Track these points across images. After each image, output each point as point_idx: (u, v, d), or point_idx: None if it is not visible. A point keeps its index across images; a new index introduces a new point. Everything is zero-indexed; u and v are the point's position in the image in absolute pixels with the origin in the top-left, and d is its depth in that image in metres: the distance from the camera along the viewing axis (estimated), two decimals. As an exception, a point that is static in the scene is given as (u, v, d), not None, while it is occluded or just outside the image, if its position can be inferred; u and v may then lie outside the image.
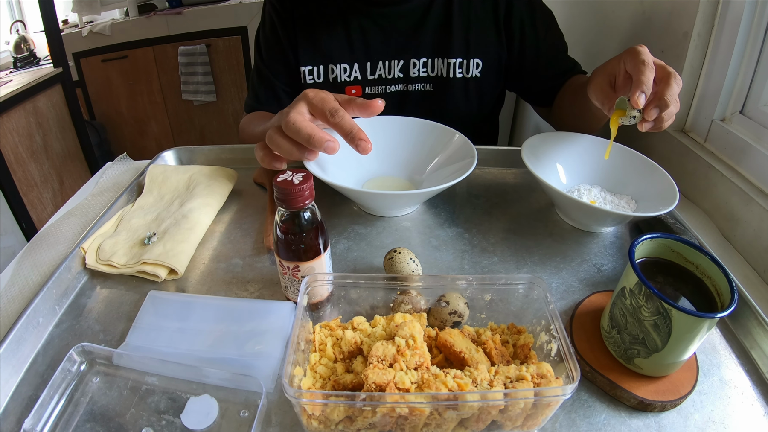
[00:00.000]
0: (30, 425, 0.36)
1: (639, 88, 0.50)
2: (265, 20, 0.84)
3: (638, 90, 0.50)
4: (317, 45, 0.80)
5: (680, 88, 0.52)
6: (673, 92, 0.51)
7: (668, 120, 0.53)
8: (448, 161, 0.67)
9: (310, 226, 0.43)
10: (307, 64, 0.81)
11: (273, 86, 0.84)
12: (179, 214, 0.59)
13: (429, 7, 0.78)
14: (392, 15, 0.78)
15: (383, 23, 0.79)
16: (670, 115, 0.53)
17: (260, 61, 0.85)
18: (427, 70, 0.81)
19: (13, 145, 1.61)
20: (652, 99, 0.52)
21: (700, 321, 0.36)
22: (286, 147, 0.51)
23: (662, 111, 0.51)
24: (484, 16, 0.78)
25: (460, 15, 0.78)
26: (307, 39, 0.80)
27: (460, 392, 0.34)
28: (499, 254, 0.57)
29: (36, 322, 0.46)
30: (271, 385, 0.41)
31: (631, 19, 0.90)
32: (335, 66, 0.81)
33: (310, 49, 0.80)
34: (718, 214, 0.66)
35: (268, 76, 0.84)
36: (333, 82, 0.82)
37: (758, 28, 0.65)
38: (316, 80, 0.82)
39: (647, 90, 0.51)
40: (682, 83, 0.52)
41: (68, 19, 2.42)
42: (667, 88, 0.51)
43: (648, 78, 0.51)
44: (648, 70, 0.51)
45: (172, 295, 0.51)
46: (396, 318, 0.42)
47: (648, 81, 0.51)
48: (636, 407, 0.40)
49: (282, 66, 0.83)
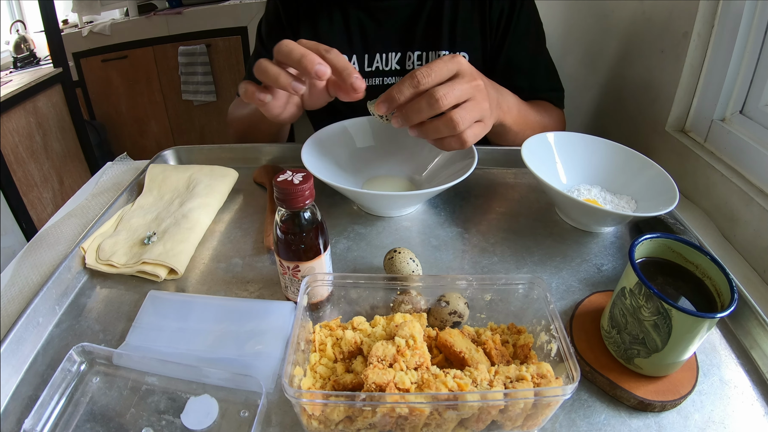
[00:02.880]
0: (30, 425, 0.36)
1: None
2: (269, 9, 0.85)
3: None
4: (318, 36, 0.80)
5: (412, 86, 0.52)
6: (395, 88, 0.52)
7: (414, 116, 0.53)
8: (448, 161, 0.67)
9: (310, 226, 0.43)
10: None
11: None
12: (179, 213, 0.59)
13: (423, 1, 0.79)
14: (388, 8, 0.79)
15: (380, 16, 0.80)
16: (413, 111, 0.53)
17: (260, 46, 0.85)
18: (422, 63, 0.81)
19: (13, 145, 1.61)
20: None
21: (700, 321, 0.36)
22: (274, 71, 0.50)
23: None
24: (471, 8, 0.79)
25: (449, 8, 0.78)
26: (309, 30, 0.81)
27: (460, 392, 0.34)
28: (499, 254, 0.57)
29: (36, 322, 0.46)
30: (271, 385, 0.41)
31: (631, 19, 0.90)
32: None
33: (310, 39, 0.81)
34: (718, 214, 0.66)
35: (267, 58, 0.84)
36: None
37: (758, 28, 0.65)
38: None
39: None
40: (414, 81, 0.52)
41: (68, 19, 2.42)
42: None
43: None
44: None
45: (172, 295, 0.51)
46: (396, 318, 0.42)
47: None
48: (636, 407, 0.40)
49: None
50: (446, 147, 0.57)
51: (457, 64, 0.53)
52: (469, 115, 0.54)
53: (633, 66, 0.91)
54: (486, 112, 0.56)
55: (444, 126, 0.53)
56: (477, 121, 0.56)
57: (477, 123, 0.56)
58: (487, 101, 0.56)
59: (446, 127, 0.53)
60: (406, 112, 0.53)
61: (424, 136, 0.56)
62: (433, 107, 0.51)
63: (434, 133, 0.55)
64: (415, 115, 0.53)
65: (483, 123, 0.57)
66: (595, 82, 1.05)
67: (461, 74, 0.53)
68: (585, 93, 1.07)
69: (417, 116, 0.53)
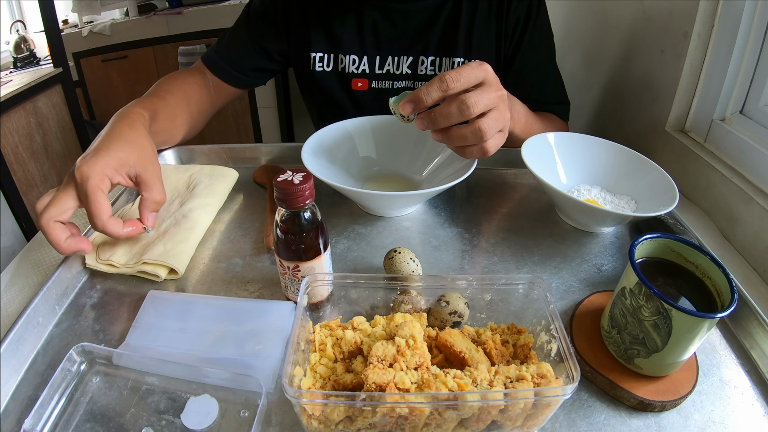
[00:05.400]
0: (30, 425, 0.36)
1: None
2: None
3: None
4: (330, 33, 0.80)
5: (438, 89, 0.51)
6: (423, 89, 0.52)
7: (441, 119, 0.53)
8: (448, 161, 0.67)
9: (310, 226, 0.43)
10: (318, 51, 0.81)
11: (247, 50, 0.82)
12: (179, 213, 0.59)
13: (442, 6, 0.78)
14: (406, 11, 0.79)
15: (396, 18, 0.79)
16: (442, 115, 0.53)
17: (244, 22, 0.83)
18: (434, 68, 0.81)
19: (13, 145, 1.61)
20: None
21: (700, 321, 0.36)
22: (56, 242, 0.47)
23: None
24: (488, 16, 0.79)
25: (467, 15, 0.78)
26: (320, 26, 0.80)
27: (460, 392, 0.34)
28: (499, 254, 0.57)
29: (36, 321, 0.46)
30: (271, 385, 0.41)
31: (631, 19, 0.90)
32: (345, 56, 0.81)
33: (322, 36, 0.80)
34: (718, 214, 0.66)
35: (245, 38, 0.82)
36: (341, 72, 0.82)
37: (758, 28, 0.65)
38: (326, 68, 0.82)
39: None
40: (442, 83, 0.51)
41: (68, 19, 2.42)
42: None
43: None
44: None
45: (172, 294, 0.51)
46: (396, 318, 0.42)
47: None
48: (636, 407, 0.40)
49: (269, 31, 0.81)
50: (468, 155, 0.57)
51: (484, 72, 0.53)
52: (494, 124, 0.54)
53: (633, 66, 0.91)
54: (508, 122, 0.57)
55: (471, 134, 0.53)
56: (499, 130, 0.56)
57: (498, 133, 0.56)
58: (509, 112, 0.57)
59: (473, 136, 0.53)
60: (435, 116, 0.53)
61: (447, 141, 0.56)
62: (464, 114, 0.52)
63: (460, 141, 0.55)
64: (443, 120, 0.53)
65: (503, 133, 0.57)
66: (596, 82, 1.05)
67: (487, 83, 0.53)
68: (585, 93, 1.07)
69: (445, 121, 0.53)
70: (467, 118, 0.52)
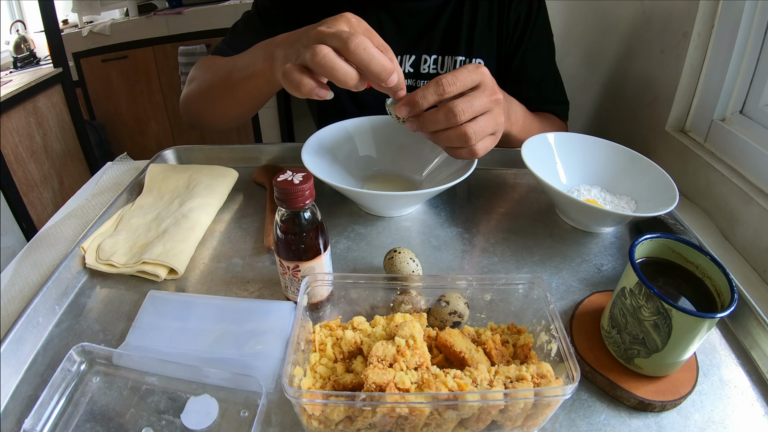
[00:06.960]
0: (30, 425, 0.36)
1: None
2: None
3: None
4: None
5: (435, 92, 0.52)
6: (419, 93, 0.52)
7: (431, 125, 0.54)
8: (448, 161, 0.67)
9: (310, 226, 0.43)
10: None
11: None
12: (179, 213, 0.59)
13: (444, 5, 0.79)
14: (409, 10, 0.79)
15: (400, 17, 0.79)
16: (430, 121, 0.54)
17: (256, 16, 0.81)
18: (437, 67, 0.81)
19: (13, 145, 1.61)
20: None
21: (700, 321, 0.36)
22: (296, 79, 0.47)
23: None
24: (489, 15, 0.79)
25: (468, 14, 0.79)
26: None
27: (460, 392, 0.34)
28: (499, 254, 0.57)
29: (36, 321, 0.46)
30: (271, 385, 0.40)
31: (631, 19, 0.90)
32: None
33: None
34: (718, 214, 0.66)
35: (260, 30, 0.79)
36: None
37: (758, 28, 0.65)
38: None
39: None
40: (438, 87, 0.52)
41: (68, 19, 2.42)
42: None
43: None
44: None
45: (172, 294, 0.51)
46: (396, 318, 0.42)
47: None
48: (636, 407, 0.40)
49: (279, 30, 0.80)
50: (457, 156, 0.58)
51: (480, 75, 0.53)
52: (483, 129, 0.54)
53: (633, 66, 0.91)
54: (500, 126, 0.57)
55: (457, 138, 0.54)
56: (490, 134, 0.56)
57: (489, 136, 0.56)
58: (503, 115, 0.57)
59: (459, 140, 0.54)
60: (423, 121, 0.54)
61: (436, 142, 0.57)
62: (450, 121, 0.52)
63: (446, 143, 0.56)
64: (431, 125, 0.54)
65: (495, 136, 0.58)
66: (595, 82, 1.05)
67: (483, 86, 0.54)
68: (585, 93, 1.07)
69: (433, 126, 0.54)
70: (454, 125, 0.53)
